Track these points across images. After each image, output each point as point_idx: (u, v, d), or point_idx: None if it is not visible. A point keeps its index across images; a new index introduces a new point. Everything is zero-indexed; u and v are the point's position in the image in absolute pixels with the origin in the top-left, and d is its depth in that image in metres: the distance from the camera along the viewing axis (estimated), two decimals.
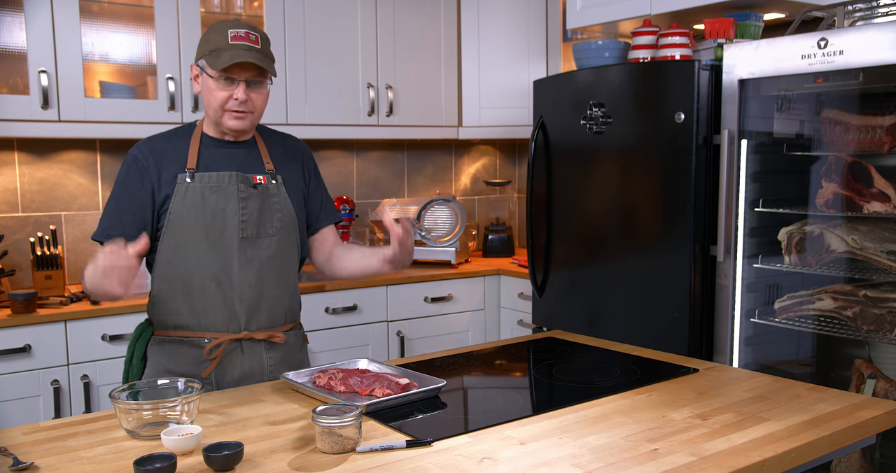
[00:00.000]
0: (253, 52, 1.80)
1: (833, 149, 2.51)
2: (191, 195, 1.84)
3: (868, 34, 2.14)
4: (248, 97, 1.83)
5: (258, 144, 1.98)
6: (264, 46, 1.85)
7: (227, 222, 1.86)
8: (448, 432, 1.48)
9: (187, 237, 1.85)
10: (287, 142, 2.06)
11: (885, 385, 2.35)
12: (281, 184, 1.95)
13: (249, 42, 1.81)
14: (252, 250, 1.88)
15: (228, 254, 1.86)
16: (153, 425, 1.48)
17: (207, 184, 1.86)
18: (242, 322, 1.89)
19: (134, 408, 1.48)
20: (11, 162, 3.08)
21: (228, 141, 1.93)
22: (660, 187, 2.67)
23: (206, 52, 1.83)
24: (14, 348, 2.55)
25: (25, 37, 2.77)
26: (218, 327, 1.88)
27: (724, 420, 1.53)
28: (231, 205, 1.86)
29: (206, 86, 1.84)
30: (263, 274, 1.90)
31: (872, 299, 2.34)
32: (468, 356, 2.10)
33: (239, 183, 1.87)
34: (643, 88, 2.70)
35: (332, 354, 3.15)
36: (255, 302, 1.90)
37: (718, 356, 2.56)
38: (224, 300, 1.87)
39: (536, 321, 3.22)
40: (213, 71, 1.81)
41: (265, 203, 1.90)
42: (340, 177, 3.85)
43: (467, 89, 3.78)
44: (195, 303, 1.87)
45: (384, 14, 3.53)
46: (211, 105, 1.85)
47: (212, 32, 1.84)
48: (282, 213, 1.93)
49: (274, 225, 1.92)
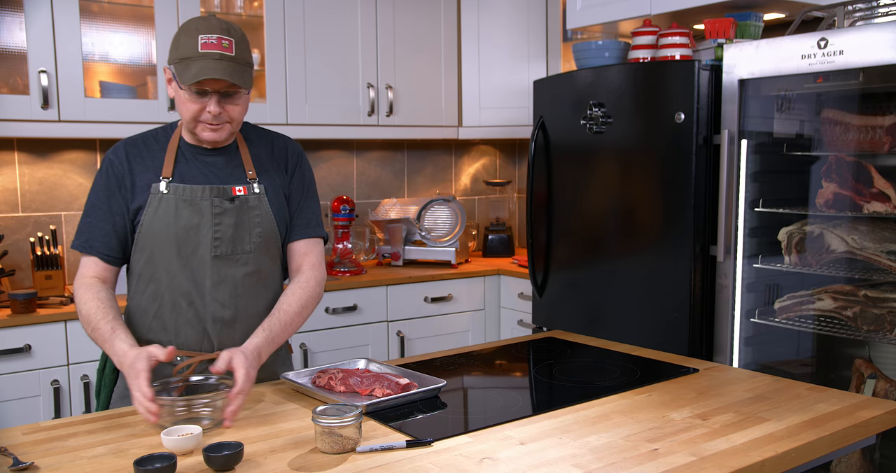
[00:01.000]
0: (224, 63, 1.65)
1: (833, 149, 2.51)
2: (164, 207, 1.74)
3: (868, 34, 2.14)
4: (223, 109, 1.70)
5: (240, 149, 1.84)
6: (238, 52, 1.69)
7: (200, 239, 1.75)
8: (448, 432, 1.48)
9: (158, 252, 1.75)
10: (276, 144, 1.91)
11: (885, 385, 2.35)
12: (263, 194, 1.82)
13: (221, 49, 1.65)
14: (226, 269, 1.78)
15: (200, 273, 1.76)
16: (187, 422, 1.50)
17: (181, 197, 1.75)
18: (215, 342, 1.79)
19: (168, 404, 1.51)
20: (11, 162, 3.08)
21: (206, 148, 1.81)
22: (660, 187, 2.67)
23: (175, 59, 1.69)
24: (14, 348, 2.55)
25: (25, 37, 2.77)
26: (190, 345, 1.79)
27: (724, 420, 1.53)
28: (204, 221, 1.75)
29: (179, 96, 1.72)
30: (238, 293, 1.79)
31: (872, 299, 2.34)
32: (468, 356, 2.10)
33: (213, 197, 1.76)
34: (643, 88, 2.70)
35: (332, 354, 3.15)
36: (230, 321, 1.79)
37: (718, 356, 2.56)
38: (196, 319, 1.78)
39: (536, 321, 3.22)
40: (180, 81, 1.68)
41: (242, 217, 1.78)
42: (340, 177, 3.85)
43: (467, 89, 3.78)
44: (166, 320, 1.78)
45: (384, 14, 3.53)
46: (184, 116, 1.73)
47: (182, 35, 1.69)
48: (262, 227, 1.81)
49: (252, 240, 1.80)
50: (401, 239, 3.62)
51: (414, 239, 3.66)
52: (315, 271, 1.88)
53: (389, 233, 3.65)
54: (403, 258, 3.63)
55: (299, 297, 1.81)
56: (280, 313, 1.77)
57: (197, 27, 1.68)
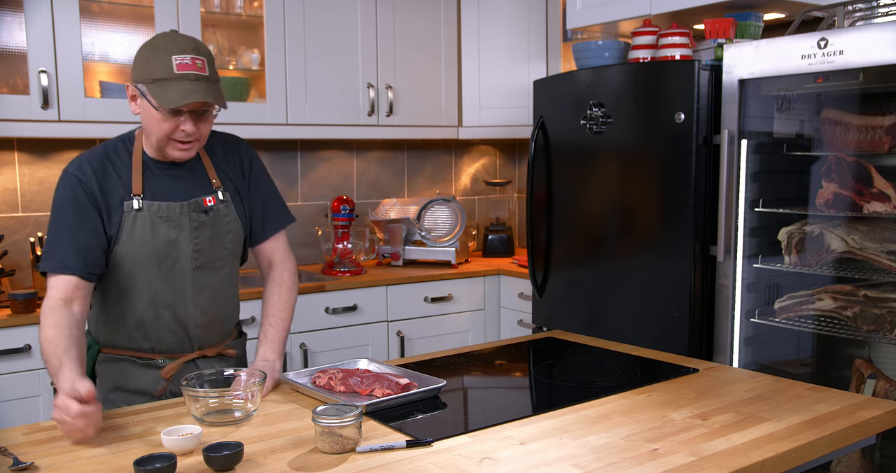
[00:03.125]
0: (202, 84, 1.67)
1: (833, 149, 2.51)
2: (140, 224, 1.75)
3: (868, 34, 2.14)
4: (196, 127, 1.71)
5: (202, 159, 1.87)
6: (211, 71, 1.70)
7: (179, 253, 1.79)
8: (448, 432, 1.48)
9: (139, 267, 1.77)
10: (229, 147, 1.93)
11: (885, 385, 2.35)
12: (229, 201, 1.87)
13: (196, 70, 1.66)
14: (205, 278, 1.84)
15: (181, 284, 1.81)
16: (219, 413, 1.56)
17: (157, 214, 1.76)
18: (196, 344, 1.88)
19: (202, 396, 1.55)
20: (11, 162, 3.08)
21: (172, 162, 1.81)
22: (660, 187, 2.67)
23: (147, 80, 1.67)
24: (14, 348, 2.55)
25: (25, 37, 2.77)
26: (172, 349, 1.86)
27: (724, 420, 1.53)
28: (183, 236, 1.79)
29: (149, 115, 1.70)
30: (216, 298, 1.88)
31: (872, 299, 2.34)
32: (468, 356, 2.10)
33: (191, 212, 1.79)
34: (643, 88, 2.70)
35: (332, 354, 3.15)
36: (208, 325, 1.89)
37: (718, 356, 2.56)
38: (178, 326, 1.84)
39: (536, 321, 3.22)
40: (157, 102, 1.66)
41: (216, 227, 1.84)
42: (340, 177, 3.85)
43: (467, 89, 3.78)
44: (148, 330, 1.82)
45: (384, 14, 3.53)
46: (154, 134, 1.73)
47: (153, 53, 1.68)
48: (234, 233, 1.88)
49: (226, 247, 1.87)
50: (401, 239, 3.62)
51: (414, 239, 3.66)
52: (287, 261, 2.01)
53: (389, 233, 3.65)
54: (403, 258, 3.63)
55: (286, 299, 1.96)
56: (278, 321, 1.93)
57: (167, 47, 1.67)
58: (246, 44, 3.38)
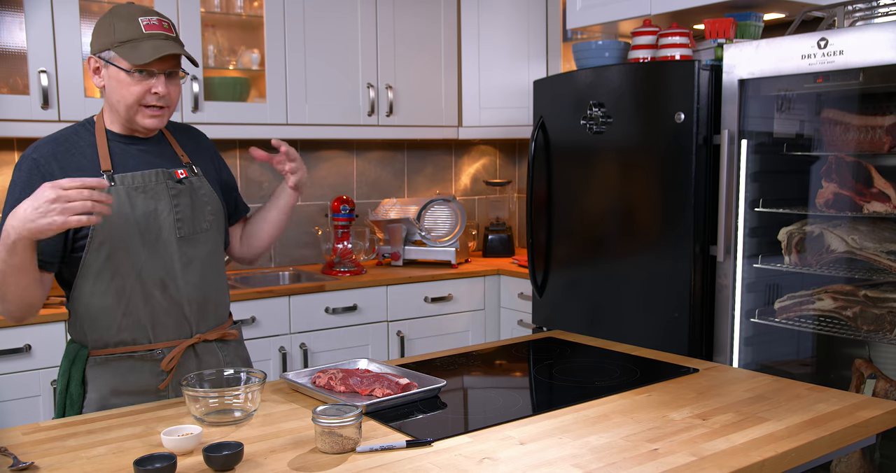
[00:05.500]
0: (171, 42, 1.68)
1: (833, 149, 2.51)
2: (116, 201, 1.69)
3: (868, 34, 2.14)
4: (168, 90, 1.71)
5: (167, 137, 1.86)
6: (177, 35, 1.73)
7: (161, 223, 1.75)
8: (448, 432, 1.48)
9: (119, 245, 1.70)
10: (190, 133, 1.95)
11: (885, 385, 2.35)
12: (202, 175, 1.85)
13: (164, 30, 1.69)
14: (191, 249, 1.79)
15: (168, 257, 1.75)
16: (219, 413, 1.55)
17: (132, 186, 1.72)
18: (193, 326, 1.81)
19: (202, 396, 1.54)
20: (11, 162, 3.07)
21: (138, 137, 1.79)
22: (660, 187, 2.67)
23: (114, 43, 1.66)
24: (14, 348, 2.55)
25: (25, 37, 2.77)
26: (169, 335, 1.77)
27: (724, 420, 1.53)
28: (163, 205, 1.75)
29: (118, 81, 1.68)
30: (206, 272, 1.82)
31: (872, 299, 2.34)
32: (468, 356, 2.10)
33: (166, 180, 1.77)
34: (643, 88, 2.70)
35: (332, 354, 3.15)
36: (202, 303, 1.82)
37: (718, 356, 2.56)
38: (171, 305, 1.76)
39: (536, 321, 3.22)
40: (127, 64, 1.65)
41: (194, 198, 1.81)
42: (340, 177, 3.85)
43: (467, 89, 3.78)
44: (139, 314, 1.74)
45: (384, 14, 3.53)
46: (123, 101, 1.70)
47: (116, 20, 1.68)
48: (212, 206, 1.85)
49: (207, 219, 1.83)
50: (401, 240, 3.62)
51: (414, 239, 3.66)
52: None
53: (389, 233, 3.65)
54: (403, 258, 3.63)
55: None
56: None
57: (130, 13, 1.69)
58: (246, 44, 3.38)
